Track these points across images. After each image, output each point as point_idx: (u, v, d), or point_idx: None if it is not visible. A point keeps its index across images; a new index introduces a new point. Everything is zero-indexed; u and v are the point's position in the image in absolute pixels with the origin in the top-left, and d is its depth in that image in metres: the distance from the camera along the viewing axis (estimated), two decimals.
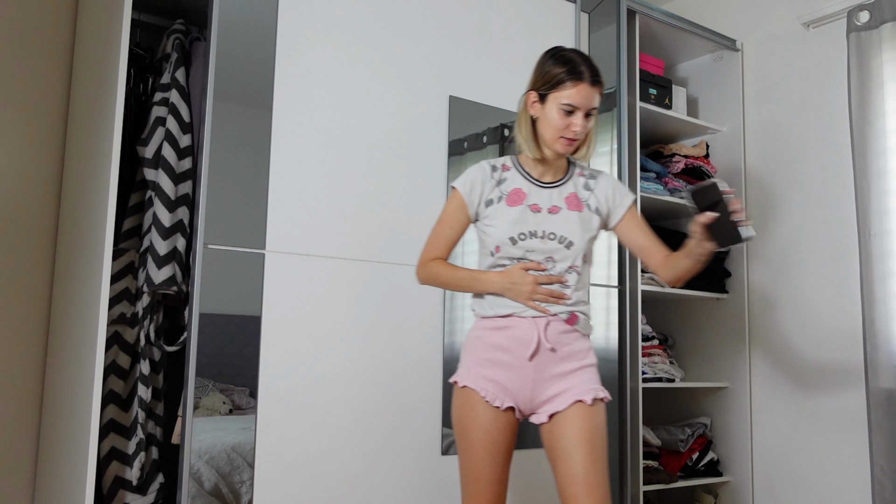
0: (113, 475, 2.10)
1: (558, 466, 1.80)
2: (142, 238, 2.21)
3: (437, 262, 1.96)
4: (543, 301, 1.84)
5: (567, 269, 1.87)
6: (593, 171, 1.99)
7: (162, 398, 2.22)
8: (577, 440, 1.79)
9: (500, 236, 1.87)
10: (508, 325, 1.85)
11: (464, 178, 1.94)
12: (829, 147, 2.99)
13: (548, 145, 1.88)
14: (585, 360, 1.87)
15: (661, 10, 3.08)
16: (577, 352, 1.86)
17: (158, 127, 2.19)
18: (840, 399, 2.88)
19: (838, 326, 2.90)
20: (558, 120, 1.82)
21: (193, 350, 1.94)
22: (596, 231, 1.93)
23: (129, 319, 2.18)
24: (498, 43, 2.60)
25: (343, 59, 2.26)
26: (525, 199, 1.90)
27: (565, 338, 1.85)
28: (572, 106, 1.81)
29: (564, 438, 1.80)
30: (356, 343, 2.20)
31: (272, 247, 2.08)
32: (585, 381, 1.85)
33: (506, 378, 1.84)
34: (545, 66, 1.87)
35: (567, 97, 1.81)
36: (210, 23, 2.05)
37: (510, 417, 1.84)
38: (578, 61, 1.84)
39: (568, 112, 1.82)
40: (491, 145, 2.58)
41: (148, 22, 2.41)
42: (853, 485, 2.80)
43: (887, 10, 2.76)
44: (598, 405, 1.84)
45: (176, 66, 2.20)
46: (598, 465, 1.79)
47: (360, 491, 2.16)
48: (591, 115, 1.85)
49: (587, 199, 1.93)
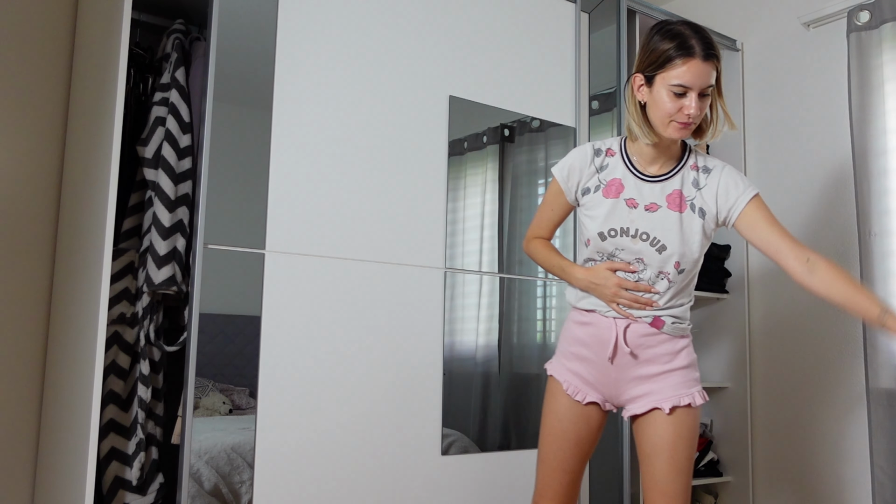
0: (113, 475, 2.10)
1: (641, 468, 1.77)
2: (142, 238, 2.21)
3: (538, 241, 1.92)
4: (627, 306, 1.74)
5: (657, 274, 1.73)
6: (710, 163, 1.78)
7: (162, 398, 2.22)
8: (658, 448, 1.72)
9: (591, 230, 1.76)
10: (591, 322, 1.79)
11: (563, 162, 1.82)
12: (830, 147, 2.99)
13: (660, 131, 1.69)
14: (671, 364, 1.75)
15: (661, 10, 3.08)
16: (663, 355, 1.75)
17: (158, 127, 2.19)
18: (840, 399, 2.88)
19: (838, 326, 2.90)
20: (669, 104, 1.63)
21: (193, 350, 1.94)
22: (700, 235, 1.73)
23: (129, 319, 2.18)
24: (498, 43, 2.60)
25: (343, 58, 2.26)
26: (623, 192, 1.74)
27: (648, 340, 1.74)
28: (683, 87, 1.62)
29: (646, 444, 1.75)
30: (356, 343, 2.20)
31: (272, 247, 2.08)
32: (669, 386, 1.74)
33: (589, 374, 1.80)
34: (650, 43, 1.67)
35: (677, 77, 1.61)
36: (210, 22, 2.05)
37: (592, 411, 1.81)
38: (688, 34, 1.63)
39: (679, 94, 1.62)
40: (491, 145, 2.59)
41: (148, 22, 2.41)
42: (853, 485, 2.80)
43: (887, 10, 2.76)
44: (682, 412, 1.73)
45: (176, 66, 2.20)
46: (678, 476, 1.71)
47: (360, 491, 2.16)
48: (707, 94, 1.65)
49: (693, 197, 1.74)
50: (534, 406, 2.59)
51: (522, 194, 2.65)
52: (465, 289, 2.46)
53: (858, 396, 2.79)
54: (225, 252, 2.02)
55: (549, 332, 2.67)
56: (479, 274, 2.49)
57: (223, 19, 2.06)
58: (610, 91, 2.86)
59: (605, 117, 2.85)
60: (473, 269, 2.48)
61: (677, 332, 1.77)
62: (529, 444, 2.55)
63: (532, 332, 2.64)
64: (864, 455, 2.74)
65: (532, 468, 2.50)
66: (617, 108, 2.87)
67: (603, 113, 2.85)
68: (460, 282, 2.44)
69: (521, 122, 2.65)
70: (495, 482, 2.43)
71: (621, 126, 2.86)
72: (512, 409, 2.56)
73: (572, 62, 2.79)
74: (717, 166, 1.78)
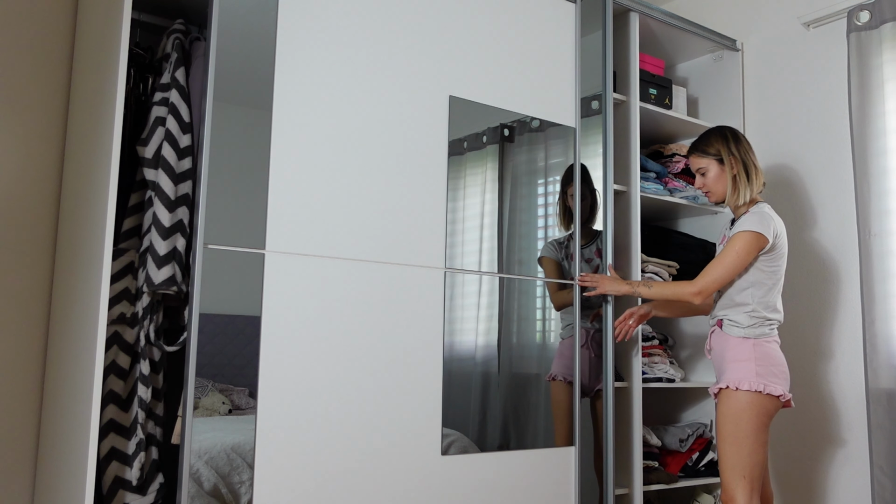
0: (113, 475, 2.10)
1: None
2: (142, 238, 2.21)
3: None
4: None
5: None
6: (752, 211, 2.44)
7: (162, 398, 2.22)
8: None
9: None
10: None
11: (770, 226, 2.42)
12: (829, 147, 2.99)
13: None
14: (726, 356, 2.41)
15: (660, 10, 3.08)
16: (725, 349, 2.43)
17: (158, 127, 2.19)
18: (840, 399, 2.88)
19: (838, 327, 2.90)
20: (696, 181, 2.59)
21: (193, 350, 1.94)
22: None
23: (129, 319, 2.18)
24: (498, 43, 2.60)
25: (343, 58, 2.26)
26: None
27: (715, 338, 2.49)
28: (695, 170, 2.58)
29: None
30: (356, 343, 2.20)
31: (272, 247, 2.08)
32: (722, 373, 2.42)
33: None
34: None
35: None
36: (210, 22, 2.05)
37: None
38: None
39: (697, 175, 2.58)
40: (491, 145, 2.58)
41: (148, 22, 2.41)
42: (853, 485, 2.81)
43: (887, 10, 2.76)
44: (724, 394, 2.37)
45: (176, 66, 2.20)
46: (722, 448, 2.34)
47: (360, 491, 2.16)
48: (703, 173, 2.53)
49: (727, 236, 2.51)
50: (533, 406, 2.59)
51: (522, 194, 2.65)
52: (464, 289, 2.46)
53: (858, 397, 2.79)
54: (225, 252, 2.02)
55: (549, 332, 2.67)
56: (479, 274, 2.50)
57: (223, 19, 2.06)
58: (597, 94, 2.82)
59: (595, 119, 2.83)
60: (473, 269, 2.48)
61: (731, 331, 2.44)
62: (529, 444, 2.55)
63: (532, 332, 2.64)
64: (864, 455, 2.74)
65: (532, 468, 2.50)
66: (603, 108, 2.82)
67: (593, 116, 2.83)
68: (460, 282, 2.44)
69: (521, 122, 2.65)
70: (495, 482, 2.43)
71: (606, 127, 2.82)
72: (511, 410, 2.56)
73: (572, 62, 2.79)
74: (751, 213, 2.44)
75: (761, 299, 2.42)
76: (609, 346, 2.70)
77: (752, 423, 2.31)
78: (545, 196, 2.71)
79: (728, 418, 2.33)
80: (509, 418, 2.55)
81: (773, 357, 2.39)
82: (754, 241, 2.36)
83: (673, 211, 3.32)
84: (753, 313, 2.41)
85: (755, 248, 2.38)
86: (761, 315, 2.41)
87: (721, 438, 2.34)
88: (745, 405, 2.31)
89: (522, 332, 2.61)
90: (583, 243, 2.74)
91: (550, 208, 2.71)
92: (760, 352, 2.37)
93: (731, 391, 2.34)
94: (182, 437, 1.93)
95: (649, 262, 3.02)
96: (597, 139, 2.81)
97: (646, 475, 2.86)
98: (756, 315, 2.41)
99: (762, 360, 2.36)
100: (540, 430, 2.60)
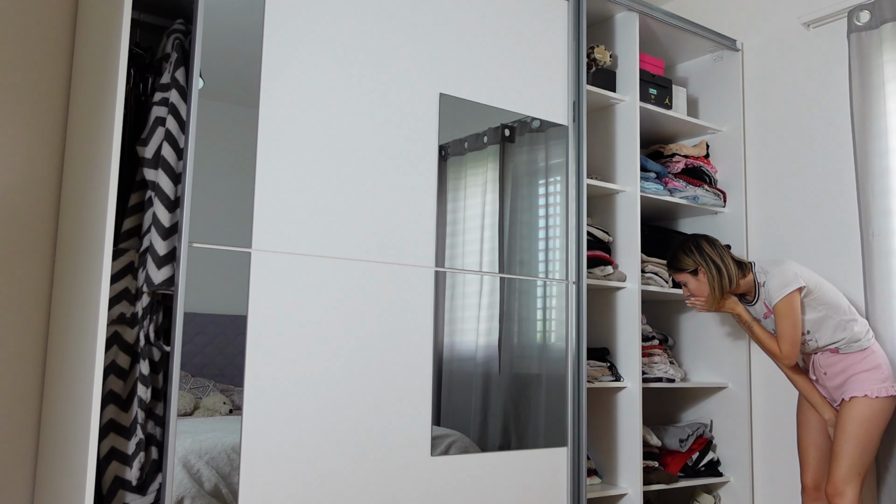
0: (112, 475, 2.10)
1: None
2: (142, 238, 2.21)
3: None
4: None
5: (805, 333, 2.63)
6: (767, 282, 2.63)
7: (162, 398, 2.22)
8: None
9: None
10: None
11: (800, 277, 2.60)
12: (830, 147, 2.99)
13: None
14: (855, 369, 2.55)
15: (660, 10, 3.08)
16: (850, 364, 2.56)
17: (158, 127, 2.18)
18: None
19: None
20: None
21: (178, 348, 1.93)
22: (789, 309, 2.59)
23: (129, 319, 2.18)
24: (490, 39, 2.59)
25: (330, 55, 2.26)
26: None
27: (823, 360, 2.63)
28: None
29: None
30: (343, 342, 2.19)
31: (258, 245, 2.08)
32: (851, 384, 2.55)
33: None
34: None
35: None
36: (195, 18, 2.03)
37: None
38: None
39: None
40: (491, 145, 2.58)
41: (148, 22, 2.40)
42: None
43: (888, 10, 2.76)
44: (857, 401, 2.50)
45: (176, 66, 2.20)
46: (846, 447, 2.48)
47: (348, 492, 2.15)
48: (685, 284, 2.77)
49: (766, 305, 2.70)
50: (534, 406, 2.59)
51: (523, 194, 2.65)
52: (465, 289, 2.46)
53: None
54: (210, 251, 2.01)
55: (549, 333, 2.67)
56: (480, 274, 2.49)
57: (209, 15, 2.05)
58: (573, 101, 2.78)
59: (591, 117, 2.78)
60: (462, 269, 2.47)
61: (846, 350, 2.59)
62: (529, 445, 2.54)
63: (532, 332, 2.64)
64: None
65: (531, 468, 2.50)
66: (577, 112, 2.77)
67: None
68: (460, 282, 2.44)
69: (522, 122, 2.64)
70: (495, 482, 2.43)
71: (581, 132, 2.79)
72: (512, 410, 2.56)
73: (564, 60, 2.78)
74: (764, 284, 2.66)
75: (847, 311, 2.61)
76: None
77: (882, 428, 2.51)
78: (545, 196, 2.70)
79: (859, 422, 2.48)
80: (510, 418, 2.55)
81: (887, 357, 2.59)
82: (795, 299, 2.56)
83: (673, 211, 3.31)
84: (854, 322, 2.58)
85: (798, 302, 2.56)
86: (856, 317, 2.60)
87: (846, 439, 2.48)
88: (877, 411, 2.49)
89: (523, 333, 2.61)
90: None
91: (551, 209, 2.70)
92: (882, 357, 2.56)
93: (867, 399, 2.49)
94: (165, 438, 1.92)
95: (649, 261, 3.02)
96: (591, 139, 2.78)
97: (646, 475, 2.86)
98: (856, 318, 2.59)
99: (886, 364, 2.55)
100: (540, 430, 2.60)
